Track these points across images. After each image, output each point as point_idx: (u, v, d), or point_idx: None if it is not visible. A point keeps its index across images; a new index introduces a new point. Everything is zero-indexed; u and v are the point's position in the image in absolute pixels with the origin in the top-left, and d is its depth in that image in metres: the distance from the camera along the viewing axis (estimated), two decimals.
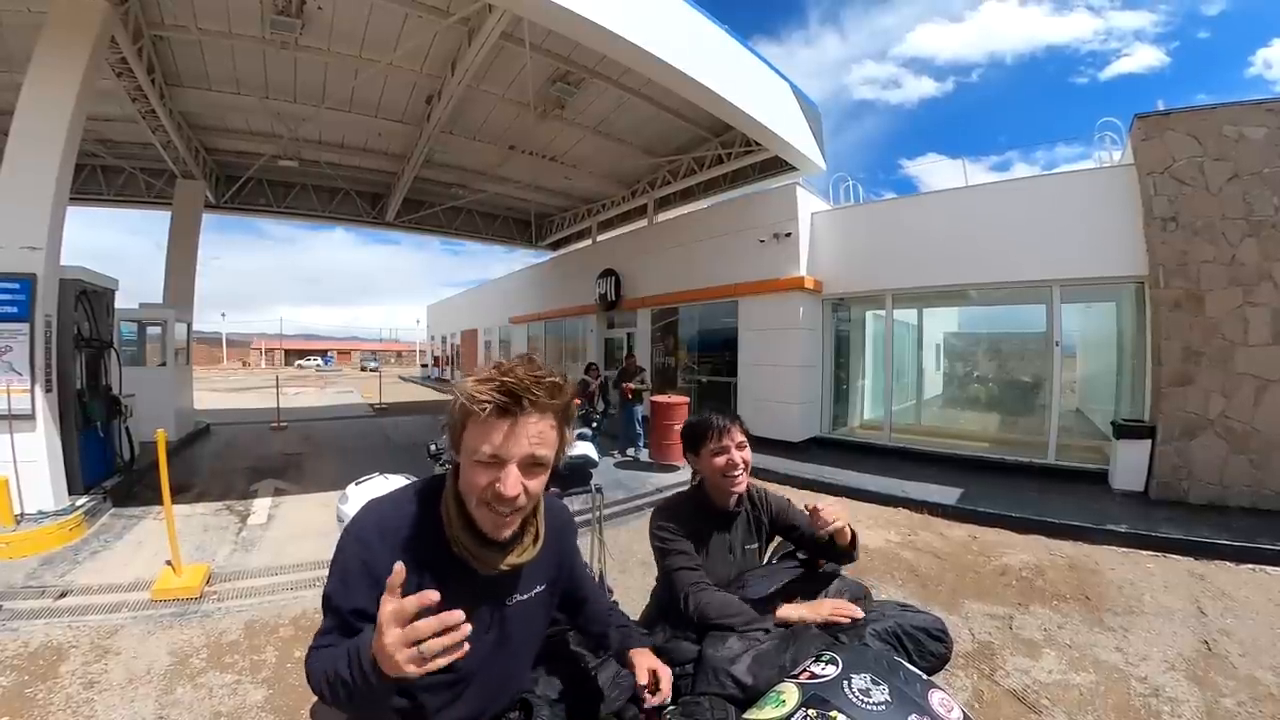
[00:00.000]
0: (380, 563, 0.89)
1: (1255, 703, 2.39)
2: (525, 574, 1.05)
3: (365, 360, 55.25)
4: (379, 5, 5.93)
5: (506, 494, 0.87)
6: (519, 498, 0.88)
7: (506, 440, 0.86)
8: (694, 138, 9.55)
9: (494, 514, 0.90)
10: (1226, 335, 5.18)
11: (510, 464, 0.87)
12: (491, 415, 0.85)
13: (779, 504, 1.70)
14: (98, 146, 9.32)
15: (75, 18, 4.77)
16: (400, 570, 0.74)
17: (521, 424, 0.87)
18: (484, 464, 0.87)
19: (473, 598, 0.98)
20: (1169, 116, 5.53)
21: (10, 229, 4.38)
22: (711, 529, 1.61)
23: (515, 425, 0.86)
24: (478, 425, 0.87)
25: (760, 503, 1.69)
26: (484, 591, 0.99)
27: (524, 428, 0.87)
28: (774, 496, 1.72)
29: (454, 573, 0.95)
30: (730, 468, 1.52)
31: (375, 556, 0.90)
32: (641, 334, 11.63)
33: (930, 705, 0.89)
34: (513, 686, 1.09)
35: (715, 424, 1.54)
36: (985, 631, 3.04)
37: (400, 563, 0.74)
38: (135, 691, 2.44)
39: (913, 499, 5.54)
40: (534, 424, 0.88)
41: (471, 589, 0.97)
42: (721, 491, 1.57)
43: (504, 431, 0.86)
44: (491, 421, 0.86)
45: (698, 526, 1.59)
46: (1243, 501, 5.04)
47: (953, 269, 7.28)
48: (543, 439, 0.89)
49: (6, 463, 4.26)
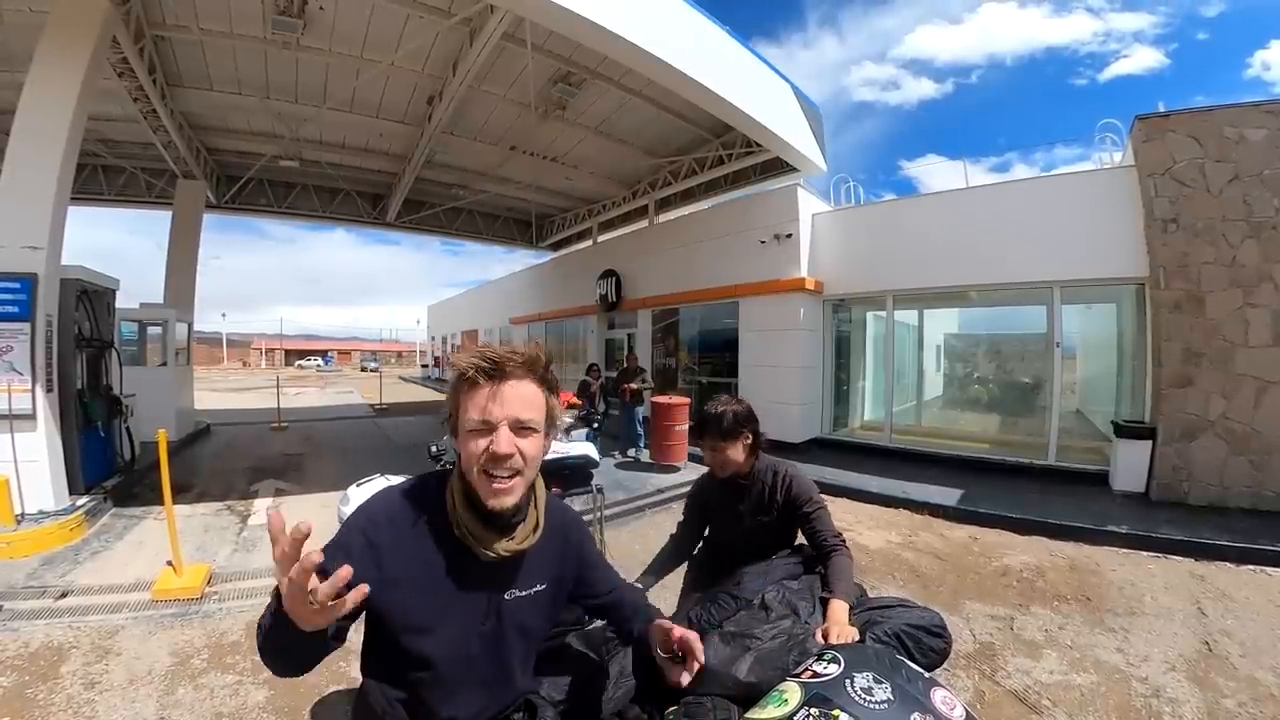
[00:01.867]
0: (383, 540, 0.95)
1: (1256, 703, 2.39)
2: (525, 569, 1.05)
3: (365, 360, 55.20)
4: (381, 6, 5.93)
5: (500, 451, 0.92)
6: (513, 457, 0.93)
7: (491, 403, 0.93)
8: (695, 138, 9.55)
9: (491, 478, 0.94)
10: (1227, 336, 5.18)
11: (501, 425, 0.93)
12: (479, 381, 0.94)
13: (801, 492, 1.81)
14: (99, 146, 9.32)
15: (77, 17, 4.77)
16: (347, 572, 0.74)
17: (505, 388, 0.94)
18: (476, 431, 0.94)
19: (472, 585, 1.00)
20: (1169, 118, 5.54)
21: (11, 229, 4.39)
22: (723, 496, 1.91)
23: (499, 389, 0.94)
24: (467, 397, 0.95)
25: (780, 482, 1.83)
26: (483, 580, 1.01)
27: (507, 390, 0.94)
28: (800, 484, 1.83)
29: (455, 558, 0.98)
30: (712, 462, 1.86)
31: (379, 534, 0.95)
32: (642, 335, 11.63)
33: (933, 703, 0.89)
34: (513, 683, 1.09)
35: (707, 426, 1.82)
36: (986, 632, 3.04)
37: (348, 567, 0.75)
38: (136, 692, 2.44)
39: (913, 500, 5.54)
40: (516, 387, 0.95)
41: (471, 576, 0.99)
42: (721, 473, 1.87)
43: (488, 395, 0.94)
44: (478, 388, 0.94)
45: (713, 491, 1.95)
46: (1243, 503, 5.04)
47: (953, 270, 7.28)
48: (527, 402, 0.95)
49: (7, 463, 4.26)
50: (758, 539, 1.83)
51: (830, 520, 1.76)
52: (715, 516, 1.98)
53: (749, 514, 1.87)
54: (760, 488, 1.86)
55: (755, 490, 1.86)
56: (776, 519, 1.83)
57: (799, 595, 1.37)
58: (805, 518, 1.77)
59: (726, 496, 1.91)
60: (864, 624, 1.25)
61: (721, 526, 1.97)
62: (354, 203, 12.63)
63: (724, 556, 1.90)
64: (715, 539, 2.02)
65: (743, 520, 1.88)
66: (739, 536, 1.88)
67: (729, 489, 1.90)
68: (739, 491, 1.88)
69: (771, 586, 1.41)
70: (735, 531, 1.90)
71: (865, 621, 1.26)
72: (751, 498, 1.87)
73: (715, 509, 1.97)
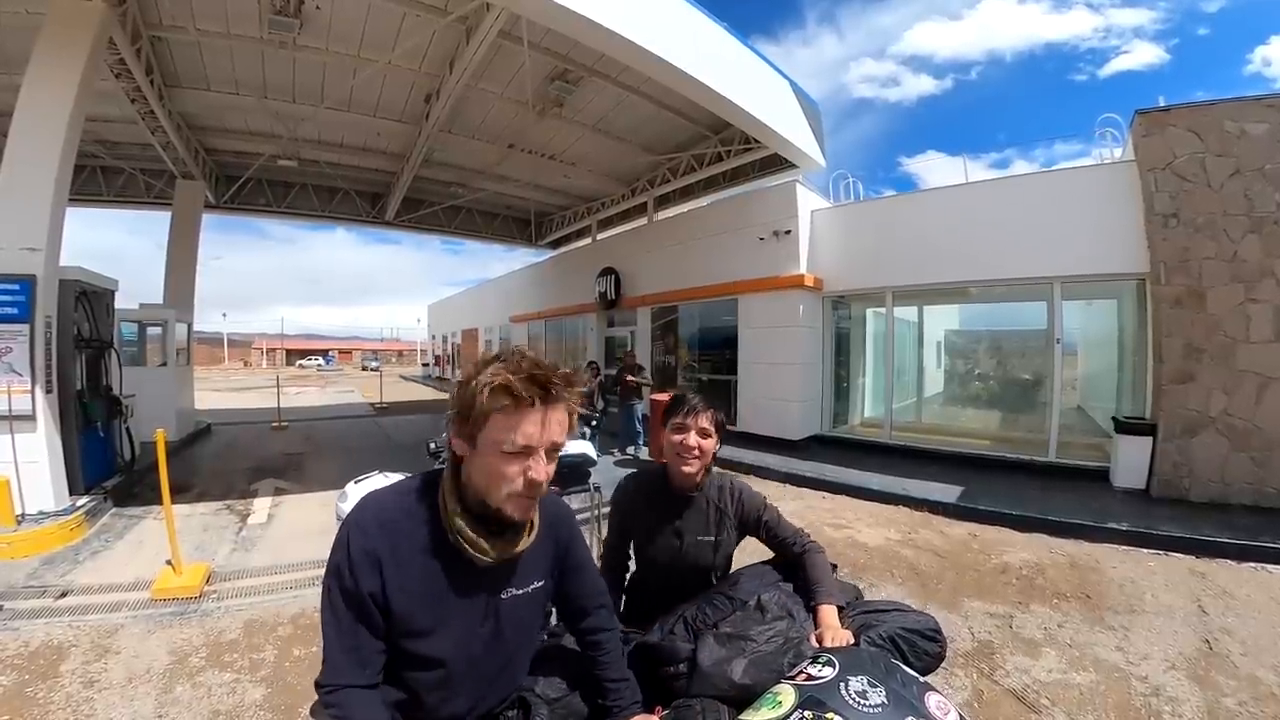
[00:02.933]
0: (380, 549, 0.93)
1: (1257, 702, 2.38)
2: (522, 568, 1.05)
3: (366, 360, 55.31)
4: (377, 5, 5.92)
5: (540, 479, 0.91)
6: (545, 483, 0.93)
7: (536, 428, 0.89)
8: (693, 135, 9.53)
9: (524, 501, 0.93)
10: (1228, 332, 5.16)
11: (540, 450, 0.91)
12: (525, 405, 0.88)
13: (752, 501, 1.61)
14: (97, 147, 9.32)
15: (73, 19, 4.77)
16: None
17: (550, 414, 0.91)
18: (514, 454, 0.90)
19: (469, 588, 0.99)
20: (1170, 112, 5.51)
21: (9, 230, 4.39)
22: (662, 508, 1.60)
23: (546, 414, 0.90)
24: (504, 414, 0.88)
25: (729, 497, 1.61)
26: (480, 583, 1.00)
27: (552, 416, 0.91)
28: (750, 494, 1.64)
29: (450, 563, 0.97)
30: (684, 448, 1.51)
31: (375, 544, 0.93)
32: (642, 332, 11.62)
33: (927, 708, 0.89)
34: (509, 681, 1.09)
35: (688, 402, 1.55)
36: (985, 630, 3.03)
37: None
38: (135, 690, 2.44)
39: (913, 497, 5.54)
40: (558, 410, 0.92)
41: (468, 579, 0.99)
42: (675, 471, 1.56)
43: (536, 421, 0.89)
44: (525, 412, 0.88)
45: (651, 501, 1.61)
46: (1244, 499, 5.02)
47: (953, 266, 7.26)
48: (563, 426, 0.94)
49: (7, 463, 4.27)
50: (694, 562, 1.57)
51: (790, 522, 1.60)
52: (642, 535, 1.63)
53: (689, 532, 1.58)
54: (705, 503, 1.60)
55: (699, 505, 1.59)
56: (723, 539, 1.59)
57: (794, 599, 1.36)
58: (765, 526, 1.57)
59: (662, 510, 1.60)
60: (859, 627, 1.24)
61: (650, 547, 1.61)
62: (353, 202, 12.63)
63: (647, 584, 1.66)
64: (639, 562, 1.68)
65: (680, 539, 1.58)
66: (670, 558, 1.58)
67: (665, 501, 1.61)
68: (678, 505, 1.60)
69: (768, 588, 1.40)
70: (667, 553, 1.59)
71: (860, 625, 1.25)
72: (693, 513, 1.59)
73: (643, 526, 1.62)
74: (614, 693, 1.13)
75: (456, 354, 25.34)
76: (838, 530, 4.80)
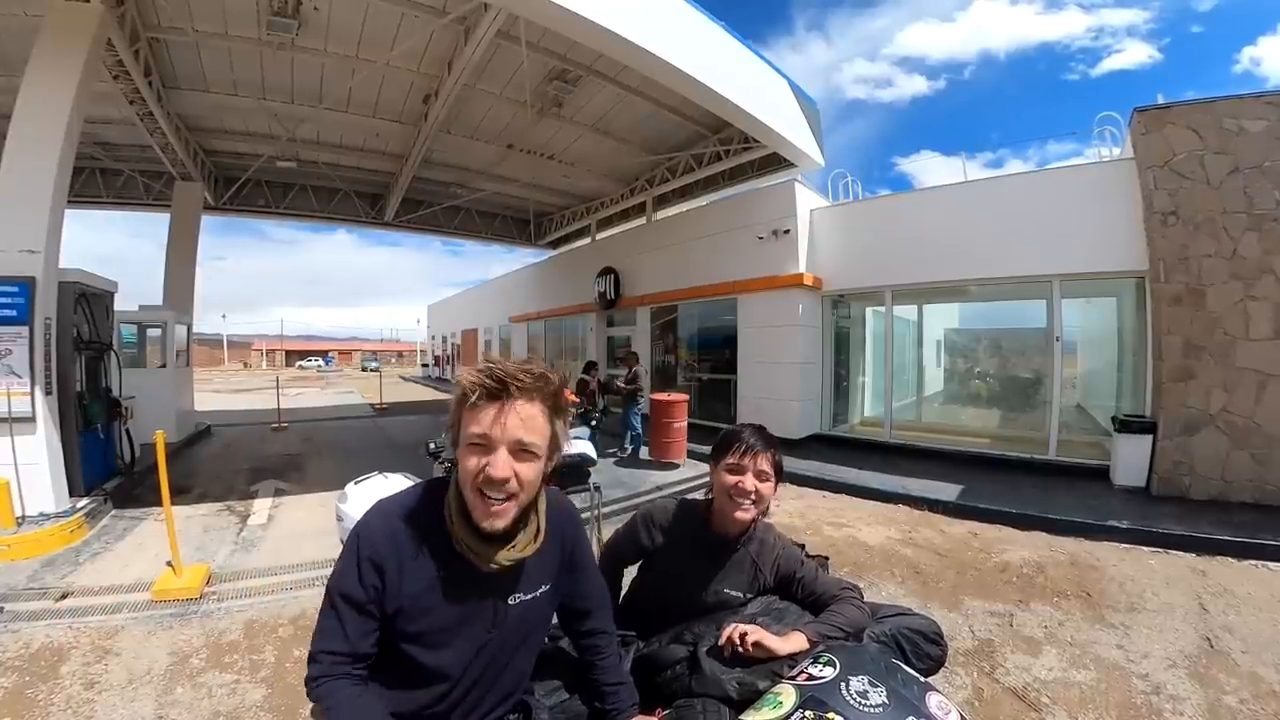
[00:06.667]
0: (386, 558, 0.94)
1: (1258, 700, 2.38)
2: (528, 573, 1.04)
3: (366, 361, 55.21)
4: (375, 5, 5.91)
5: (495, 475, 0.89)
6: (509, 481, 0.91)
7: (494, 423, 0.90)
8: (692, 135, 9.52)
9: (485, 500, 0.92)
10: (1228, 330, 5.16)
11: (500, 447, 0.90)
12: (482, 400, 0.90)
13: (790, 562, 1.44)
14: (96, 149, 9.31)
15: (71, 21, 4.76)
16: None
17: (509, 408, 0.91)
18: (475, 446, 0.91)
19: (476, 595, 0.99)
20: (1169, 110, 5.51)
21: (9, 232, 4.38)
22: (699, 553, 1.43)
23: (503, 409, 0.90)
24: (470, 411, 0.92)
25: (769, 556, 1.44)
26: (487, 589, 1.00)
27: (511, 412, 0.90)
28: (788, 552, 1.47)
29: (457, 570, 0.97)
30: (739, 492, 1.35)
31: (381, 553, 0.94)
32: (641, 332, 11.62)
33: (928, 708, 0.88)
34: (514, 686, 1.09)
35: (745, 441, 1.38)
36: (985, 629, 3.03)
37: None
38: (135, 692, 2.44)
39: (913, 496, 5.54)
40: (521, 409, 0.91)
41: (474, 586, 0.98)
42: (724, 515, 1.39)
43: (492, 415, 0.90)
44: (481, 406, 0.91)
45: (684, 541, 1.44)
46: (1244, 497, 5.02)
47: (953, 265, 7.26)
48: (529, 425, 0.92)
49: (7, 465, 4.26)
50: (712, 609, 1.37)
51: (828, 576, 1.46)
52: (666, 576, 1.45)
53: (723, 585, 1.40)
54: (747, 560, 1.42)
55: (740, 560, 1.42)
56: (751, 598, 1.40)
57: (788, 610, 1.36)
58: (802, 584, 1.40)
59: (699, 555, 1.43)
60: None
61: (670, 586, 1.43)
62: (352, 202, 12.62)
63: (643, 609, 1.45)
64: (645, 590, 1.51)
65: (706, 589, 1.40)
66: (689, 601, 1.39)
67: (704, 546, 1.43)
68: (716, 553, 1.42)
69: (772, 611, 1.39)
70: (688, 598, 1.40)
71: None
72: (733, 567, 1.41)
73: (670, 567, 1.44)
74: (612, 695, 1.13)
75: (456, 355, 25.34)
76: (838, 529, 4.80)
